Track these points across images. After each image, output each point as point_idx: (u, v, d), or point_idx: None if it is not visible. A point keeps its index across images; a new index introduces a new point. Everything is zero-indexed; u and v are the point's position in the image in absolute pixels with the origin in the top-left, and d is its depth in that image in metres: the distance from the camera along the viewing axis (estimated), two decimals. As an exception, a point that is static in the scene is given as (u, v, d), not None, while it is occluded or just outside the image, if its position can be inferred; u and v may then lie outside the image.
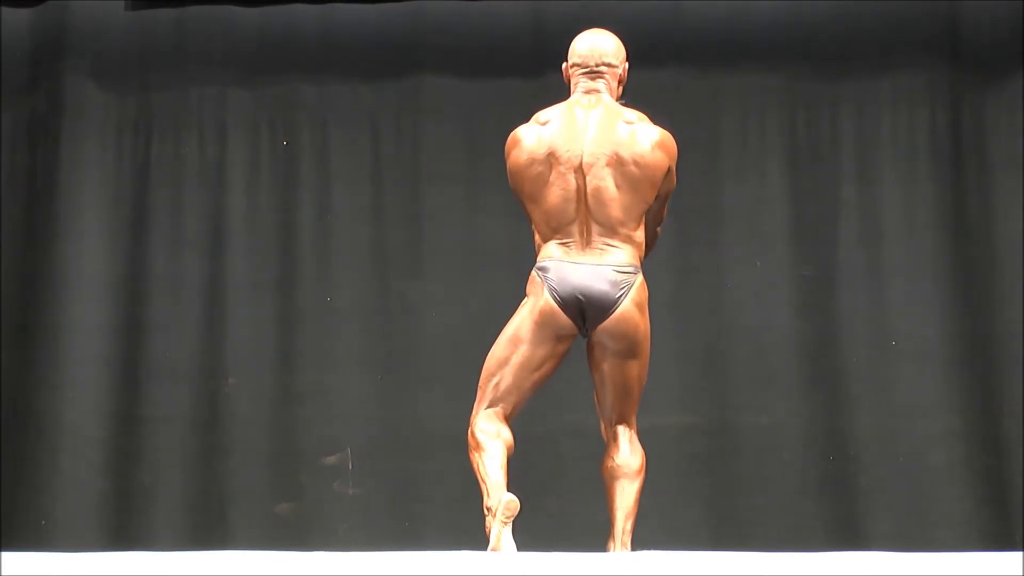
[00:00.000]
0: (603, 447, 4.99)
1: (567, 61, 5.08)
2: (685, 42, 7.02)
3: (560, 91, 5.15)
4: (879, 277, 6.92)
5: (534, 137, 4.94)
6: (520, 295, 4.99)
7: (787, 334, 6.90)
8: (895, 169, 6.96)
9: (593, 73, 5.02)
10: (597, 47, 5.05)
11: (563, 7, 6.90)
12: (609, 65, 5.03)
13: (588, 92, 5.01)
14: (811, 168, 6.99)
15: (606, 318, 4.85)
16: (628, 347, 4.88)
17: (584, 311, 4.86)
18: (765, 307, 6.92)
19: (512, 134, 4.99)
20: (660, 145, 4.92)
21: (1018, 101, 6.90)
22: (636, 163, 4.88)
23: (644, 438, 5.00)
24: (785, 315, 6.91)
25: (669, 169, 4.93)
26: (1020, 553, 4.00)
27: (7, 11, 7.06)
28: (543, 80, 5.15)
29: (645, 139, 4.91)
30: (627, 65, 5.09)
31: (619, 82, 5.06)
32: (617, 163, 4.87)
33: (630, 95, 5.07)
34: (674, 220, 5.78)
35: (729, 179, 6.98)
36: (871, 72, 6.99)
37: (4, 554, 3.98)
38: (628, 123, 4.93)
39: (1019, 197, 6.86)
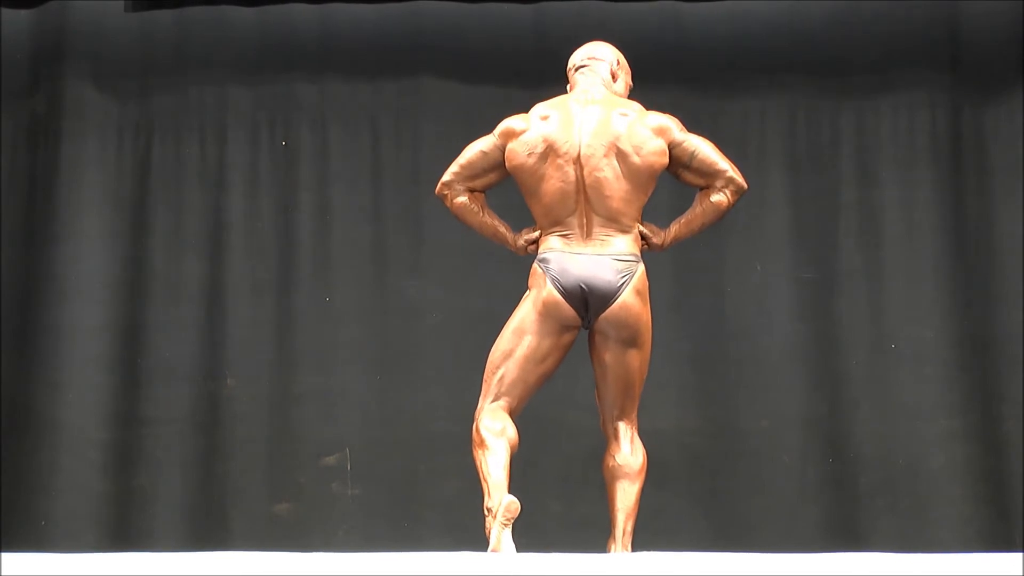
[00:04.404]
0: (604, 446, 4.99)
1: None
2: (686, 45, 7.02)
3: (559, 92, 5.18)
4: (879, 280, 6.92)
5: (532, 132, 4.97)
6: (520, 294, 5.00)
7: (787, 337, 6.90)
8: (895, 173, 6.96)
9: (583, 67, 5.10)
10: (589, 50, 5.17)
11: (562, 8, 6.90)
12: (596, 59, 5.10)
13: (583, 79, 5.07)
14: (811, 172, 6.99)
15: (608, 307, 4.87)
16: (630, 335, 4.90)
17: (587, 301, 4.88)
18: (765, 310, 6.92)
19: (507, 123, 5.03)
20: (657, 131, 4.97)
21: (1018, 105, 6.90)
22: (637, 153, 4.93)
23: (645, 440, 5.01)
24: (785, 318, 6.91)
25: (673, 144, 4.96)
26: (1020, 554, 4.01)
27: (7, 12, 7.06)
28: (542, 81, 5.18)
29: (643, 128, 4.96)
30: (624, 61, 5.15)
31: (612, 74, 5.11)
32: (617, 154, 4.91)
33: (634, 97, 5.10)
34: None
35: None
36: (871, 77, 6.99)
37: (4, 554, 3.99)
38: (624, 115, 4.98)
39: (1018, 201, 6.86)
